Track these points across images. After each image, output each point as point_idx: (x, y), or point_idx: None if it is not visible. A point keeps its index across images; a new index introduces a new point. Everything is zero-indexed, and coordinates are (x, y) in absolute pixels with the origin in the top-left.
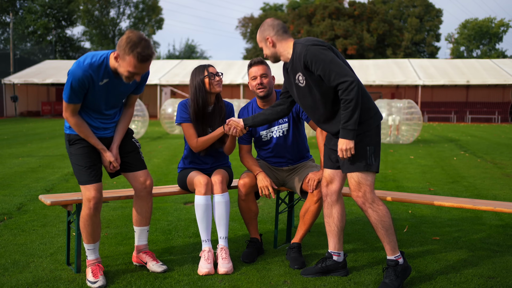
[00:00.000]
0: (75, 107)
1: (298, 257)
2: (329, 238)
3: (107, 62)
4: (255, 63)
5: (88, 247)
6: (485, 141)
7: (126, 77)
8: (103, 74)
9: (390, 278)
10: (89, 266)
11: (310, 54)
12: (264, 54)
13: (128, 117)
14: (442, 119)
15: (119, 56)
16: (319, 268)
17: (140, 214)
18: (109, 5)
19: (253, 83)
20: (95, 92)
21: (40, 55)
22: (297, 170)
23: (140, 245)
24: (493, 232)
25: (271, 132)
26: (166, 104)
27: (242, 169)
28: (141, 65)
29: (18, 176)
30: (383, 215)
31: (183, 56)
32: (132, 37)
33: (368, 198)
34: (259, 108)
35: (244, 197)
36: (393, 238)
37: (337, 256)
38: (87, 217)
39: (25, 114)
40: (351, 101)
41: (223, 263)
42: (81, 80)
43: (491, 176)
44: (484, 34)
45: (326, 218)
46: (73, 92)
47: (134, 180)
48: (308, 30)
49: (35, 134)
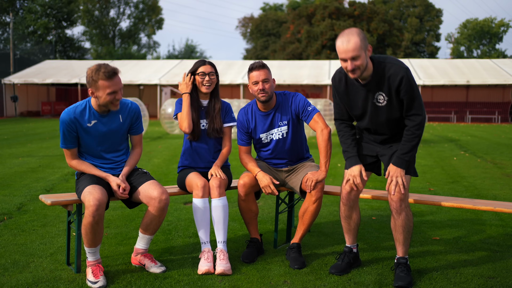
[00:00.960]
0: (71, 152)
1: (298, 257)
2: (347, 235)
3: (89, 104)
4: (256, 67)
5: (89, 250)
6: (485, 141)
7: (110, 103)
8: (88, 116)
9: (404, 272)
10: (89, 266)
11: (408, 78)
12: (353, 65)
13: (136, 155)
14: (442, 119)
15: (93, 89)
16: (346, 264)
17: (149, 224)
18: (109, 5)
19: (254, 88)
20: (87, 134)
21: (40, 55)
22: (296, 170)
23: (140, 248)
24: (493, 232)
25: (271, 134)
26: (166, 104)
27: (242, 169)
28: (112, 81)
29: (18, 176)
30: (411, 220)
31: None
32: (91, 68)
33: (406, 201)
34: (259, 111)
35: (244, 197)
36: (409, 241)
37: (355, 249)
38: (89, 225)
39: (25, 114)
40: (417, 136)
41: (221, 263)
42: (67, 124)
43: (491, 176)
44: (484, 34)
45: (346, 219)
46: (64, 137)
47: (145, 196)
48: (308, 30)
49: (35, 134)
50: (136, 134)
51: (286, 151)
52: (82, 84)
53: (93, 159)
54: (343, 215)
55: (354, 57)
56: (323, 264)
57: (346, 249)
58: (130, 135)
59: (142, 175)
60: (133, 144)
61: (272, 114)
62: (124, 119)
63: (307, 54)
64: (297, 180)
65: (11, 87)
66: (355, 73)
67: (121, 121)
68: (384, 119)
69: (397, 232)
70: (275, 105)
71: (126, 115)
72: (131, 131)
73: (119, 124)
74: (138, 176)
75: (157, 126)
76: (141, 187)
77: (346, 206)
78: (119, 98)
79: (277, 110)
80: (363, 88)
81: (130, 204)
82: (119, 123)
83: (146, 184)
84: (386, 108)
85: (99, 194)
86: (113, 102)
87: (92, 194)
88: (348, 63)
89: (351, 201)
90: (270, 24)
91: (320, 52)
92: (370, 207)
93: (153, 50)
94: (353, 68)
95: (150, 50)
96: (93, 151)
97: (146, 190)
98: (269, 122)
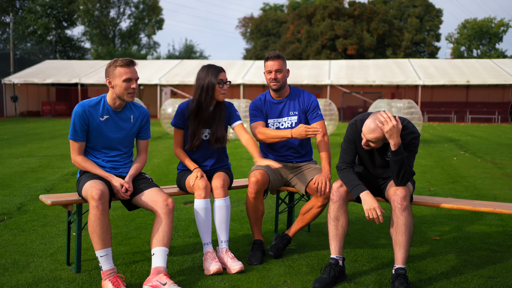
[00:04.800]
0: (79, 146)
1: (281, 249)
2: (333, 242)
3: (105, 100)
4: (271, 57)
5: (100, 253)
6: (485, 141)
7: (126, 92)
8: (102, 111)
9: (404, 285)
10: (106, 278)
11: (417, 140)
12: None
13: (142, 160)
14: (442, 119)
15: (111, 79)
16: (332, 278)
17: (159, 231)
18: (109, 5)
19: (267, 76)
20: (97, 129)
21: (40, 55)
22: (301, 170)
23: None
24: (493, 232)
25: (278, 122)
26: (166, 104)
27: (242, 169)
28: (129, 68)
29: (18, 176)
30: (413, 222)
31: (182, 56)
32: (109, 62)
33: (409, 201)
34: (272, 99)
35: (255, 195)
36: (409, 247)
37: (341, 261)
38: (95, 218)
39: (25, 114)
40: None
41: (234, 262)
42: (80, 115)
43: (491, 176)
44: (484, 34)
45: (333, 222)
46: (74, 128)
47: (151, 200)
48: (308, 30)
49: (35, 134)
50: (143, 139)
51: (292, 141)
52: (82, 84)
53: (98, 156)
54: (331, 215)
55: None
56: (323, 264)
57: (331, 261)
58: (138, 139)
59: (146, 181)
60: (139, 150)
61: (284, 103)
62: (135, 120)
63: (307, 54)
64: (302, 180)
65: (11, 87)
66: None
67: (132, 122)
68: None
69: (399, 233)
70: (287, 95)
71: (137, 116)
72: (139, 135)
73: (129, 124)
74: (143, 181)
75: (157, 126)
76: (146, 191)
77: (336, 204)
78: (135, 87)
79: (288, 100)
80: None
81: (130, 206)
82: (130, 123)
83: (152, 189)
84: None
85: (102, 186)
86: (129, 90)
87: (94, 187)
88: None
89: (341, 199)
90: (270, 24)
91: (320, 52)
92: None
93: (153, 51)
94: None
95: (150, 51)
96: (99, 147)
97: (152, 195)
98: (280, 110)
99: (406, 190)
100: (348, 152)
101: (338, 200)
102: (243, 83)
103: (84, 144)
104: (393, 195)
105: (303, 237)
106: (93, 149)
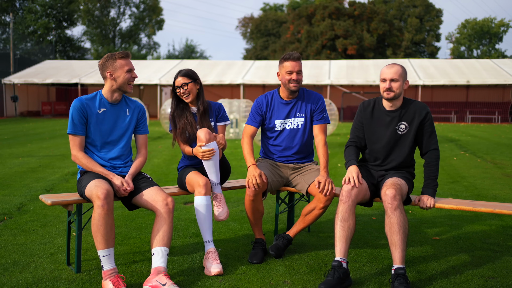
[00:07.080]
0: (79, 140)
1: (281, 248)
2: (339, 243)
3: (100, 94)
4: (293, 58)
5: (102, 253)
6: (485, 141)
7: (127, 82)
8: (99, 104)
9: (404, 285)
10: (107, 278)
11: (431, 116)
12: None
13: (142, 157)
14: (442, 119)
15: (111, 71)
16: (337, 280)
17: (160, 231)
18: (110, 5)
19: (286, 77)
20: (95, 122)
21: (40, 55)
22: (302, 171)
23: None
24: (493, 232)
25: (285, 123)
26: (166, 104)
27: (241, 169)
28: (128, 60)
29: (18, 176)
30: (406, 220)
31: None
32: (105, 55)
33: (400, 198)
34: (281, 99)
35: (253, 197)
36: (406, 246)
37: (345, 263)
38: (100, 218)
39: (25, 114)
40: (438, 167)
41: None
42: (78, 108)
43: (491, 176)
44: (484, 34)
45: (341, 222)
46: (73, 122)
47: (151, 199)
48: (308, 30)
49: (35, 134)
50: (141, 133)
51: (296, 142)
52: (82, 84)
53: (98, 154)
54: (339, 216)
55: (393, 79)
56: (323, 264)
57: (335, 263)
58: (136, 134)
59: (146, 180)
60: (139, 145)
61: (292, 104)
62: (131, 113)
63: (307, 54)
64: (304, 181)
65: (11, 87)
66: (390, 94)
67: (128, 115)
68: (398, 147)
69: (393, 233)
70: (297, 97)
71: (133, 110)
72: (137, 129)
73: (126, 118)
74: (143, 180)
75: (157, 126)
76: (146, 191)
77: (345, 204)
78: (135, 77)
79: (297, 102)
80: (388, 115)
81: (130, 206)
82: (127, 115)
83: (152, 189)
84: (403, 137)
85: (107, 185)
86: (130, 81)
87: (99, 187)
88: (387, 82)
89: (350, 200)
90: (270, 24)
91: (320, 52)
92: (369, 207)
93: (154, 51)
94: (389, 87)
95: (150, 51)
96: (99, 143)
97: (152, 194)
98: (288, 111)
99: (396, 190)
100: (354, 131)
101: (347, 201)
102: (243, 83)
103: (84, 139)
104: (383, 196)
105: (303, 237)
106: (93, 145)
